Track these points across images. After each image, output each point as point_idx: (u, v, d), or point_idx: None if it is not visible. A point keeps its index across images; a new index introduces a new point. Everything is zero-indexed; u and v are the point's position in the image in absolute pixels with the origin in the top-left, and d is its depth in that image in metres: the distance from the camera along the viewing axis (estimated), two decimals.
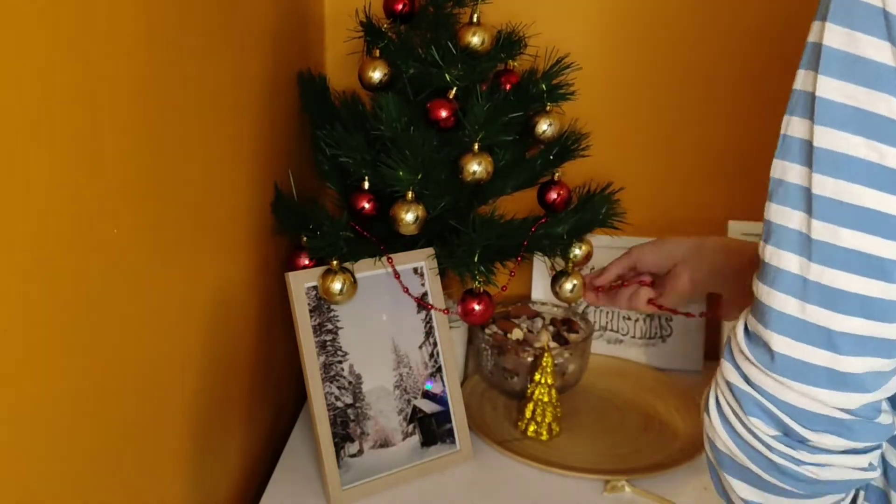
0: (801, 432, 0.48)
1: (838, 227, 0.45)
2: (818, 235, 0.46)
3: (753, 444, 0.50)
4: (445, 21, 0.99)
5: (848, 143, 0.45)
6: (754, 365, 0.49)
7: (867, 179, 0.44)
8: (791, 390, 0.48)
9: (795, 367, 0.47)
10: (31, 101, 0.47)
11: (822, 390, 0.47)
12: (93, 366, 0.57)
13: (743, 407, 0.50)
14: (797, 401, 0.48)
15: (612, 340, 1.25)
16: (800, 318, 0.47)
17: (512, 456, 0.98)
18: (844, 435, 0.48)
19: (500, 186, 1.02)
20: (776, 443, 0.49)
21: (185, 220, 0.71)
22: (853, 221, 0.45)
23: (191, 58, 0.70)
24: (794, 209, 0.47)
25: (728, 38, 1.20)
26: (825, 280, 0.46)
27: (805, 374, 0.47)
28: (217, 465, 0.85)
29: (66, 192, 0.52)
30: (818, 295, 0.46)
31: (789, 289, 0.47)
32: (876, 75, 0.44)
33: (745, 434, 0.51)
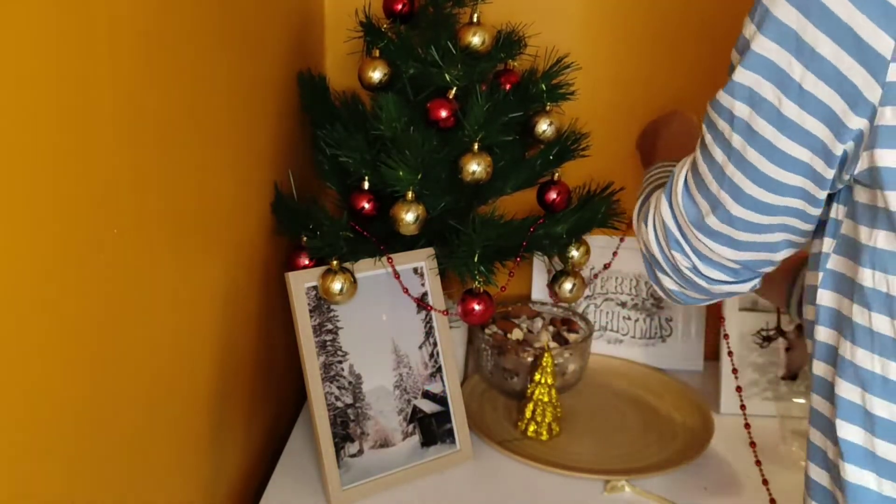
0: (704, 271, 0.67)
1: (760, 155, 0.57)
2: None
3: (675, 264, 0.68)
4: (445, 21, 0.99)
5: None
6: (687, 221, 0.64)
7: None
8: (706, 246, 0.64)
9: (714, 234, 0.63)
10: (30, 101, 0.47)
11: (719, 245, 0.63)
12: (92, 366, 0.57)
13: (669, 242, 0.68)
14: (705, 250, 0.65)
15: (612, 340, 1.25)
16: (715, 196, 0.61)
17: (512, 456, 0.98)
18: (730, 275, 0.67)
19: (500, 186, 1.02)
20: (687, 272, 0.68)
21: (186, 220, 0.71)
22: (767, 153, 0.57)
23: (191, 58, 0.70)
24: (733, 131, 0.58)
25: (728, 38, 1.19)
26: (735, 179, 0.59)
27: (716, 237, 0.63)
28: (217, 464, 0.85)
29: (66, 193, 0.52)
30: (728, 186, 0.60)
31: (716, 175, 0.60)
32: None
33: (669, 256, 0.69)
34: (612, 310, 1.25)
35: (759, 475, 0.97)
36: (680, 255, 0.67)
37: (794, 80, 0.52)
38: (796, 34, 0.51)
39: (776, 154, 0.55)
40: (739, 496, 0.93)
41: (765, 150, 0.56)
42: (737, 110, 0.57)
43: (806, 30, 0.51)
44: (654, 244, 0.70)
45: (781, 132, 0.54)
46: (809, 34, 0.50)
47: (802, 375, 1.10)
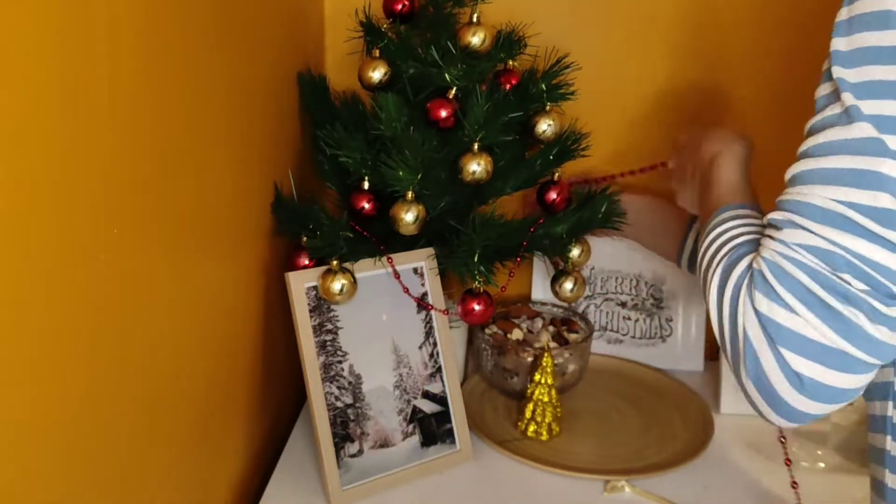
0: (890, 285, 0.51)
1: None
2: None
3: (837, 306, 0.52)
4: (445, 21, 0.99)
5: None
6: (843, 231, 0.52)
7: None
8: (883, 250, 0.51)
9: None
10: (30, 101, 0.47)
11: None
12: (91, 366, 0.56)
13: (833, 266, 0.52)
14: (886, 260, 0.51)
15: (612, 340, 1.25)
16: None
17: (512, 456, 0.98)
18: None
19: (500, 186, 1.02)
20: (865, 296, 0.51)
21: (185, 220, 0.71)
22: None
23: (190, 58, 0.70)
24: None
25: (729, 38, 1.20)
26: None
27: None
28: (217, 465, 0.85)
29: (66, 193, 0.52)
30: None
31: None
32: None
33: (830, 299, 0.52)
34: (612, 310, 1.25)
35: (762, 476, 0.97)
36: (852, 276, 0.52)
37: None
38: None
39: None
40: (739, 496, 0.93)
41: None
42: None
43: None
44: (787, 302, 0.54)
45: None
46: None
47: None
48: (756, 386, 0.56)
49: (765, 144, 1.23)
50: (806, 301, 0.53)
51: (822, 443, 1.02)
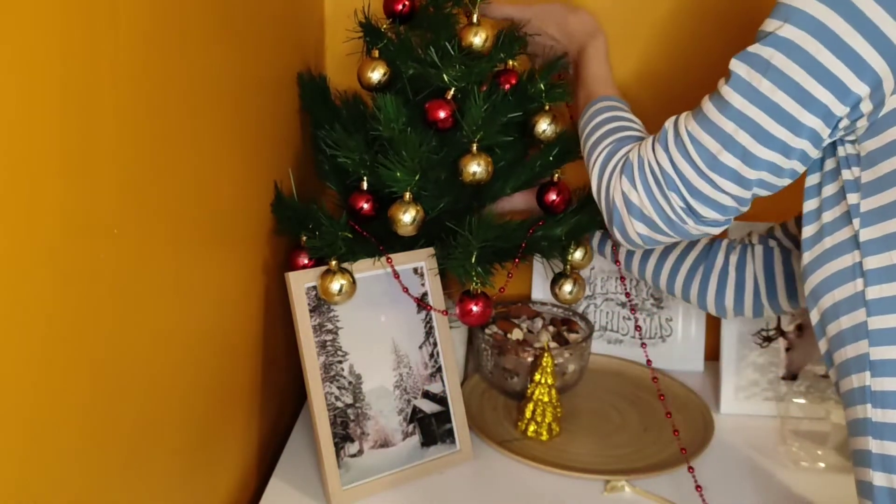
0: (697, 207, 0.74)
1: (777, 89, 0.67)
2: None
3: (664, 207, 0.75)
4: (445, 21, 0.99)
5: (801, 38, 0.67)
6: (698, 162, 0.72)
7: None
8: (703, 181, 0.72)
9: (725, 171, 0.71)
10: (30, 101, 0.47)
11: (726, 181, 0.71)
12: (91, 366, 0.57)
13: (666, 184, 0.74)
14: (704, 188, 0.72)
15: (612, 340, 1.25)
16: (733, 137, 0.70)
17: (512, 456, 0.98)
18: (721, 212, 0.74)
19: (500, 187, 1.02)
20: (679, 211, 0.75)
21: (185, 219, 0.72)
22: (786, 87, 0.67)
23: (191, 59, 0.70)
24: (750, 67, 0.69)
25: (730, 38, 1.19)
26: (756, 118, 0.69)
27: (726, 172, 0.71)
28: (217, 464, 0.85)
29: (66, 193, 0.52)
30: (749, 126, 0.69)
31: (733, 117, 0.70)
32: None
33: (661, 200, 0.75)
34: (612, 310, 1.25)
35: (762, 476, 0.97)
36: (676, 196, 0.74)
37: (837, 35, 0.64)
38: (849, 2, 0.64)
39: (801, 94, 0.66)
40: (739, 496, 0.93)
41: (791, 91, 0.66)
42: (775, 59, 0.67)
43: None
44: (637, 191, 0.77)
45: (812, 76, 0.65)
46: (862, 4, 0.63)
47: (802, 375, 1.10)
48: (618, 231, 0.81)
49: None
50: (648, 195, 0.76)
51: (822, 443, 1.02)
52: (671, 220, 0.76)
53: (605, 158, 0.82)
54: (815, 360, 1.11)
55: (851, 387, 0.70)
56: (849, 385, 0.70)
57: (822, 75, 0.65)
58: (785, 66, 0.66)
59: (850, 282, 0.69)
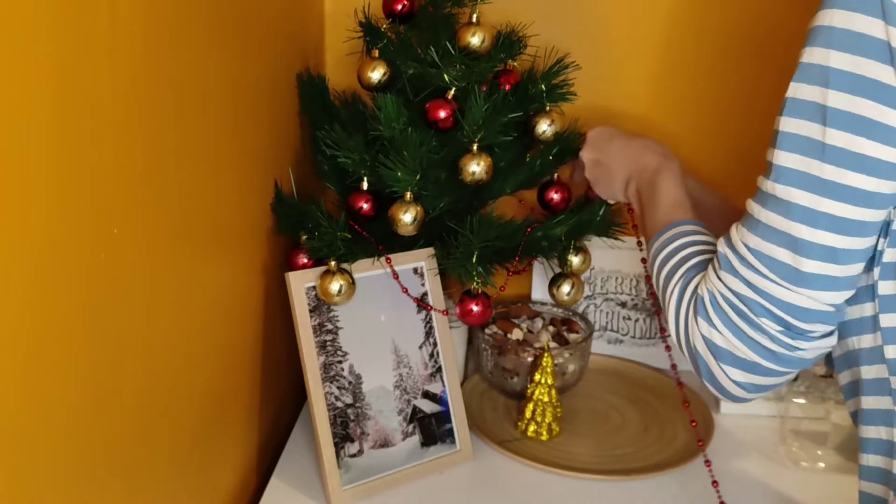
0: (799, 325, 0.63)
1: (846, 170, 0.58)
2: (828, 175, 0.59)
3: (758, 339, 0.64)
4: (445, 21, 0.99)
5: (855, 104, 0.57)
6: (777, 279, 0.62)
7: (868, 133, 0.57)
8: (795, 293, 0.62)
9: (811, 281, 0.61)
10: (30, 101, 0.47)
11: (819, 292, 0.62)
12: (91, 365, 0.57)
13: (752, 310, 0.63)
14: (799, 301, 0.62)
15: (612, 340, 1.25)
16: (808, 241, 0.60)
17: (512, 456, 0.98)
18: (828, 321, 0.63)
19: (500, 187, 1.02)
20: (780, 335, 0.63)
21: (185, 220, 0.72)
22: (855, 165, 0.58)
23: (190, 59, 0.70)
24: (804, 155, 0.60)
25: (730, 38, 1.19)
26: (832, 210, 0.59)
27: (811, 281, 0.61)
28: (217, 464, 0.85)
29: (66, 193, 0.52)
30: (825, 221, 0.60)
31: (802, 218, 0.60)
32: (873, 49, 0.56)
33: (751, 332, 0.64)
34: (612, 310, 1.25)
35: (762, 476, 0.97)
36: (769, 320, 0.63)
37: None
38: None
39: (883, 132, 0.57)
40: (739, 496, 0.93)
41: (869, 131, 0.57)
42: (831, 100, 0.58)
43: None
44: (720, 331, 0.66)
45: (888, 105, 0.56)
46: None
47: (802, 375, 1.10)
48: (710, 384, 0.70)
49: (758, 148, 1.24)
50: (735, 333, 0.65)
51: (822, 443, 1.02)
52: (774, 353, 0.64)
53: (677, 298, 0.72)
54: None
55: (870, 377, 0.68)
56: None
57: (888, 136, 0.57)
58: (846, 141, 0.58)
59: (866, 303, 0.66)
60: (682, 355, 0.72)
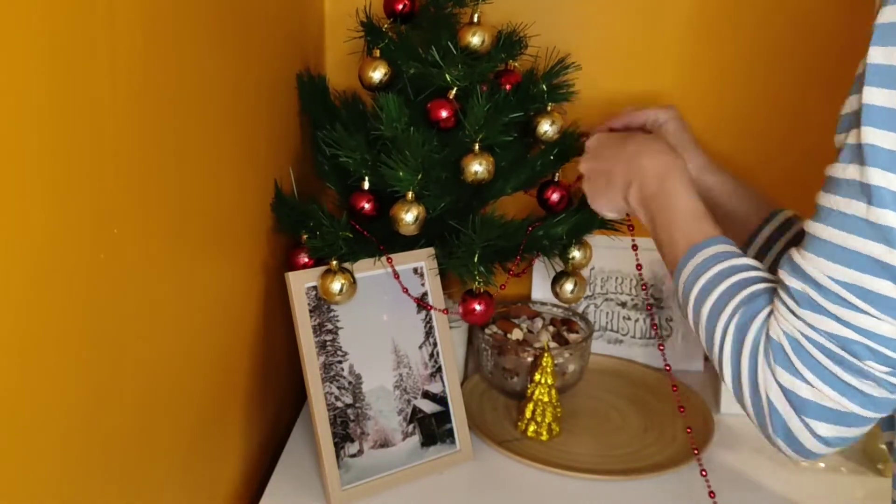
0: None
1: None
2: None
3: (859, 386, 0.55)
4: (446, 21, 0.99)
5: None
6: (867, 313, 0.54)
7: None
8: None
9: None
10: (30, 101, 0.47)
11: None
12: (91, 365, 0.56)
13: (854, 354, 0.55)
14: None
15: (612, 340, 1.25)
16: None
17: (512, 456, 0.98)
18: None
19: (501, 187, 1.02)
20: (886, 376, 0.55)
21: (185, 220, 0.71)
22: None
23: (190, 58, 0.70)
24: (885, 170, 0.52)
25: (731, 38, 1.19)
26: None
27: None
28: (217, 465, 0.85)
29: (66, 193, 0.52)
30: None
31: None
32: None
33: (851, 378, 0.55)
34: (612, 310, 1.25)
35: (762, 476, 0.97)
36: (875, 363, 0.55)
37: None
38: None
39: None
40: (739, 496, 0.93)
41: None
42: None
43: None
44: (810, 383, 0.57)
45: None
46: None
47: None
48: (783, 440, 0.60)
49: (758, 150, 1.23)
50: (828, 381, 0.56)
51: None
52: (876, 400, 0.56)
53: (734, 338, 0.62)
54: None
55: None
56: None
57: None
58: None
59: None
60: (743, 404, 0.62)
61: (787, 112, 1.21)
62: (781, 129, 1.22)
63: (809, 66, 1.19)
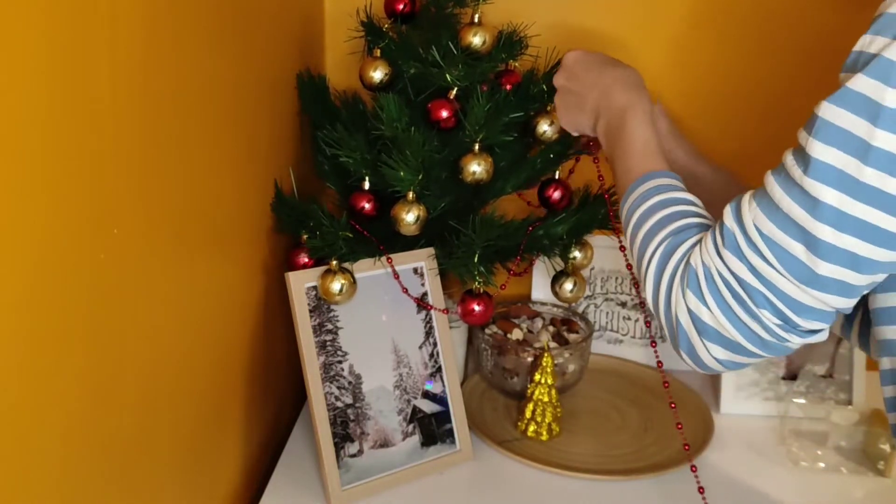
0: (799, 321, 0.60)
1: (890, 177, 0.53)
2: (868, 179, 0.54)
3: (752, 326, 0.61)
4: (446, 21, 0.99)
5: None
6: (776, 269, 0.58)
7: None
8: (804, 292, 0.59)
9: (828, 285, 0.58)
10: (30, 101, 0.47)
11: (830, 296, 0.58)
12: (91, 365, 0.56)
13: (753, 300, 0.60)
14: (805, 300, 0.59)
15: (612, 340, 1.25)
16: (831, 244, 0.56)
17: (512, 456, 0.98)
18: (827, 320, 0.61)
19: (501, 187, 1.02)
20: (776, 328, 0.60)
21: (185, 220, 0.71)
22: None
23: (191, 58, 0.70)
24: (844, 152, 0.55)
25: (734, 36, 1.19)
26: (864, 216, 0.55)
27: (824, 284, 0.58)
28: (217, 465, 0.85)
29: (66, 193, 0.52)
30: (854, 226, 0.55)
31: (829, 219, 0.56)
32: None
33: (746, 318, 0.61)
34: (612, 310, 1.25)
35: (762, 476, 0.97)
36: (769, 312, 0.60)
37: None
38: None
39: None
40: (739, 496, 0.93)
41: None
42: (889, 99, 0.52)
43: None
44: (710, 309, 0.62)
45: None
46: None
47: (802, 375, 1.10)
48: (687, 355, 0.67)
49: (759, 149, 1.23)
50: (726, 314, 0.62)
51: (822, 443, 1.02)
52: (764, 341, 0.61)
53: (659, 261, 0.67)
54: (815, 360, 1.11)
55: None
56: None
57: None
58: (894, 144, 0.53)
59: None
60: (658, 319, 0.68)
61: (786, 113, 1.21)
62: (781, 130, 1.22)
63: (811, 67, 1.19)
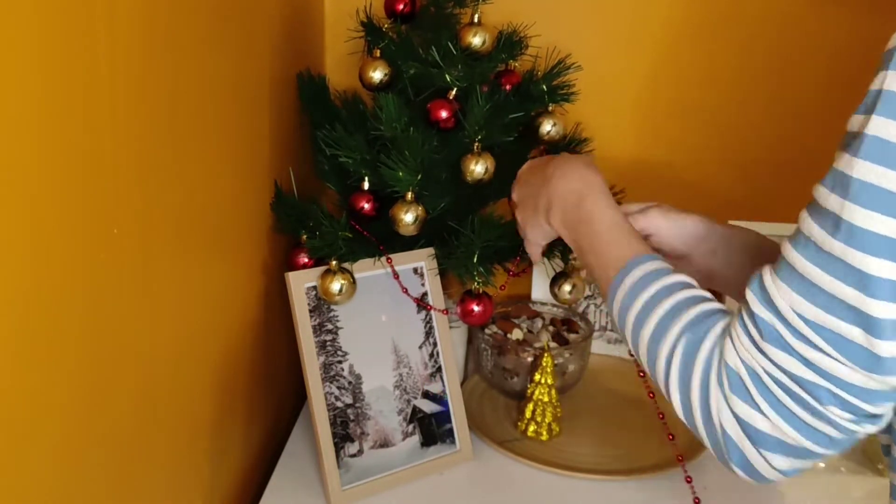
0: (871, 409, 0.52)
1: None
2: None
3: (820, 428, 0.53)
4: (446, 21, 0.99)
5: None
6: (836, 359, 0.51)
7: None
8: (871, 379, 0.51)
9: (882, 364, 0.50)
10: (30, 101, 0.47)
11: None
12: (91, 365, 0.56)
13: (817, 397, 0.52)
14: (877, 386, 0.51)
15: (612, 340, 1.25)
16: (891, 319, 0.49)
17: (512, 456, 0.98)
18: (894, 399, 0.53)
19: (501, 187, 1.02)
20: (847, 423, 0.53)
21: (185, 220, 0.71)
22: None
23: (190, 58, 0.70)
24: (879, 213, 0.48)
25: (736, 35, 1.19)
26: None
27: (889, 366, 0.50)
28: (217, 465, 0.85)
29: (66, 193, 0.52)
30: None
31: (887, 294, 0.48)
32: None
33: (812, 420, 0.53)
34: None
35: None
36: (838, 408, 0.52)
37: None
38: None
39: None
40: (739, 496, 0.93)
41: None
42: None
43: None
44: (768, 416, 0.54)
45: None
46: None
47: None
48: (739, 468, 0.59)
49: (759, 149, 1.23)
50: (787, 419, 0.54)
51: None
52: (833, 440, 0.54)
53: (682, 365, 0.59)
54: None
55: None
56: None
57: None
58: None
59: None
60: (695, 431, 0.60)
61: (787, 114, 1.21)
62: (783, 130, 1.22)
63: (812, 69, 1.19)
